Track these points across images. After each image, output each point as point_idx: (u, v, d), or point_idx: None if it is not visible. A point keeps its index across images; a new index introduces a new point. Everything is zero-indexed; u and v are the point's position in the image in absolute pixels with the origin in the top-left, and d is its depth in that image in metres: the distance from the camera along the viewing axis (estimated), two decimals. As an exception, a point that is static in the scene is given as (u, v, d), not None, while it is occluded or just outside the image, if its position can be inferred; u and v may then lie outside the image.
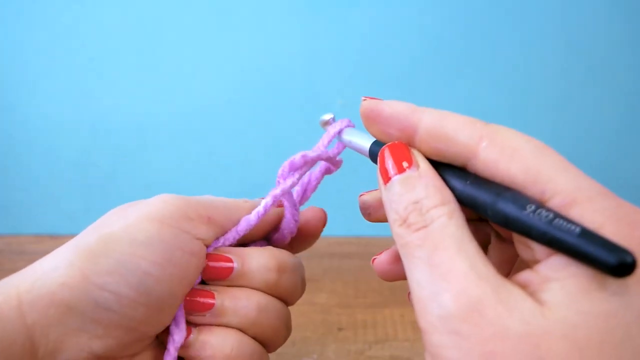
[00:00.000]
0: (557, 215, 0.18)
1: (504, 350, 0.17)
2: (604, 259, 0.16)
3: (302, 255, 0.32)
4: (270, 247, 0.29)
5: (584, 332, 0.16)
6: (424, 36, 0.63)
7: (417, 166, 0.22)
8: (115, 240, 0.24)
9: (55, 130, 0.67)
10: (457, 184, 0.21)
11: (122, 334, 0.24)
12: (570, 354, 0.16)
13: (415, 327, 0.49)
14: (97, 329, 0.23)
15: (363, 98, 0.24)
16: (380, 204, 0.26)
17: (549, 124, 0.66)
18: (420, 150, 0.23)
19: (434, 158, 0.22)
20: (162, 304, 0.25)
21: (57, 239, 0.71)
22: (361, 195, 0.29)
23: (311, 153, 0.31)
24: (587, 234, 0.17)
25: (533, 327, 0.17)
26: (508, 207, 0.19)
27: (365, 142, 0.26)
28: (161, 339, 0.27)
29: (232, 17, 0.63)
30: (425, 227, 0.20)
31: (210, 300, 0.26)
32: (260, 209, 0.28)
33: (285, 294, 0.28)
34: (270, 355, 0.45)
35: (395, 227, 0.21)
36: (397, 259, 0.26)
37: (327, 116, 0.32)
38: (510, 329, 0.17)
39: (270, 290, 0.27)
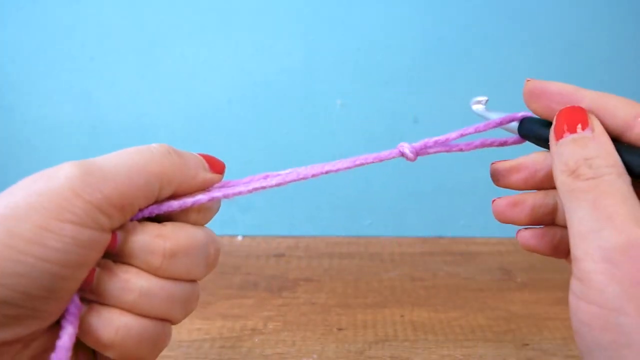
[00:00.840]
0: None
1: None
2: None
3: (302, 255, 0.32)
4: (166, 224, 0.26)
5: None
6: (424, 36, 0.63)
7: (592, 129, 0.24)
8: (24, 242, 0.21)
9: (56, 130, 0.67)
10: (625, 154, 0.24)
11: (27, 323, 0.22)
12: None
13: (415, 327, 0.49)
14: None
15: (527, 80, 0.29)
16: (510, 172, 0.30)
17: (549, 124, 0.66)
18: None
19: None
20: (69, 293, 0.23)
21: (57, 239, 0.71)
22: (493, 163, 0.32)
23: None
24: None
25: None
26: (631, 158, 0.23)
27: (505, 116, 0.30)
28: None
29: (232, 17, 0.63)
30: (594, 178, 0.23)
31: (89, 277, 0.24)
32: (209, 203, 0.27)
33: (180, 276, 0.26)
34: (271, 355, 0.45)
35: (563, 177, 0.24)
36: (543, 235, 0.29)
37: (482, 99, 0.35)
38: None
39: (157, 273, 0.25)
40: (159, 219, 0.27)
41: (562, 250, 0.29)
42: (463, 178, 0.67)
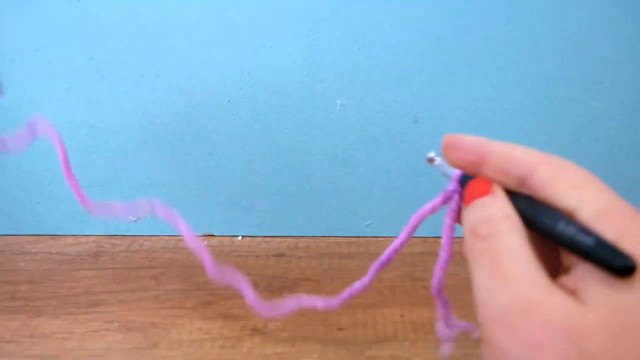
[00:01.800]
0: (579, 228, 0.22)
1: (550, 341, 0.20)
2: (612, 263, 0.20)
3: (302, 255, 0.32)
4: None
5: (618, 321, 0.19)
6: (424, 36, 0.63)
7: (494, 194, 0.26)
8: None
9: (55, 130, 0.67)
10: (522, 204, 0.25)
11: None
12: (607, 340, 0.19)
13: (415, 327, 0.49)
14: None
15: (446, 135, 0.30)
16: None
17: (549, 124, 0.66)
18: (488, 170, 0.27)
19: (499, 176, 0.27)
20: None
21: (57, 239, 0.71)
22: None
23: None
24: (601, 244, 0.21)
25: (575, 321, 0.20)
26: (546, 223, 0.23)
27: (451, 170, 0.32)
28: None
29: (232, 16, 0.63)
30: (490, 236, 0.24)
31: None
32: None
33: None
34: (271, 355, 0.45)
35: (467, 238, 0.25)
36: None
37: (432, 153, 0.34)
38: (556, 324, 0.20)
39: None
40: None
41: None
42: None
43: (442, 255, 0.31)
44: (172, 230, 0.43)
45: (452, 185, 0.31)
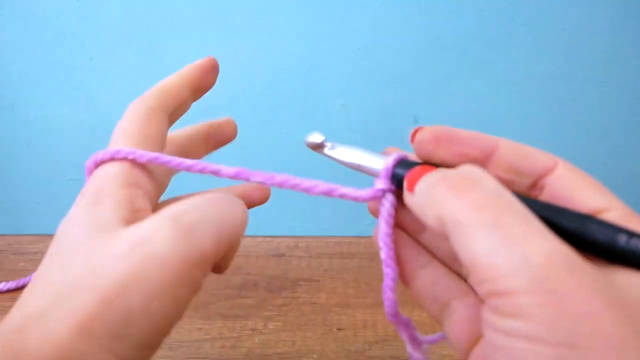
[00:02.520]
0: (622, 229, 0.19)
1: (603, 309, 0.16)
2: None
3: (302, 255, 0.32)
4: None
5: None
6: (424, 36, 0.63)
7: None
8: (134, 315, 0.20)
9: (55, 130, 0.67)
10: (536, 207, 0.21)
11: None
12: None
13: (415, 327, 0.49)
14: None
15: (420, 128, 0.25)
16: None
17: (549, 124, 0.66)
18: (495, 168, 0.23)
19: (509, 175, 0.23)
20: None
21: (57, 239, 0.71)
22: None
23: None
24: None
25: (619, 293, 0.17)
26: (601, 234, 0.19)
27: (369, 159, 0.27)
28: None
29: (232, 16, 0.63)
30: (477, 186, 0.20)
31: None
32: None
33: None
34: (271, 355, 0.45)
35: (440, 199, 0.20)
36: None
37: (318, 137, 0.28)
38: (610, 291, 0.17)
39: None
40: None
41: None
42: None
43: (387, 272, 0.25)
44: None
45: (382, 183, 0.25)
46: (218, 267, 0.30)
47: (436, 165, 0.24)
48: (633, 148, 0.67)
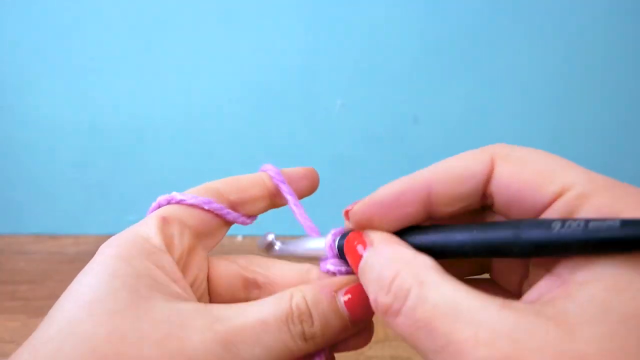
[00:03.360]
0: (587, 220, 0.17)
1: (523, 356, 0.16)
2: None
3: (302, 255, 0.32)
4: None
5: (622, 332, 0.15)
6: (424, 36, 0.63)
7: (372, 244, 0.22)
8: None
9: (55, 130, 0.67)
10: (463, 236, 0.20)
11: None
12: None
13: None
14: None
15: (348, 210, 0.24)
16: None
17: (549, 124, 0.66)
18: (437, 204, 0.22)
19: (456, 204, 0.22)
20: None
21: (57, 239, 0.71)
22: None
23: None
24: (628, 223, 0.17)
25: (570, 352, 0.16)
26: (535, 234, 0.18)
27: (314, 243, 0.27)
28: None
29: (232, 16, 0.63)
30: (401, 307, 0.19)
31: None
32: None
33: None
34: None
35: (384, 317, 0.21)
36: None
37: (270, 237, 0.30)
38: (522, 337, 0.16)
39: None
40: None
41: None
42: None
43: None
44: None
45: (333, 263, 0.26)
46: None
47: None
48: (633, 148, 0.67)
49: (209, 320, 0.22)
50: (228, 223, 0.30)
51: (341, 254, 0.25)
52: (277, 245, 0.29)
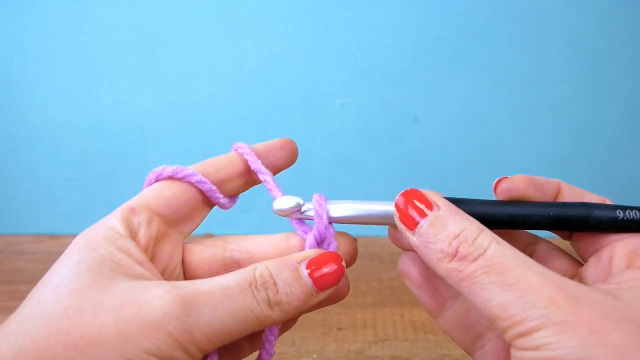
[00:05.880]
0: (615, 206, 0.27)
1: (611, 326, 0.20)
2: None
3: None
4: None
5: None
6: (424, 36, 0.63)
7: (438, 206, 0.24)
8: None
9: (55, 130, 0.67)
10: (540, 210, 0.27)
11: None
12: None
13: (415, 327, 0.49)
14: None
15: (506, 179, 0.28)
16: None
17: (549, 124, 0.66)
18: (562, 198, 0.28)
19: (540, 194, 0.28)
20: None
21: (57, 239, 0.71)
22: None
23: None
24: None
25: (624, 310, 0.21)
26: (605, 214, 0.26)
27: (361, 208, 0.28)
28: None
29: (232, 17, 0.63)
30: (482, 255, 0.22)
31: None
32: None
33: None
34: (270, 355, 0.45)
35: (445, 265, 0.23)
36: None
37: (291, 202, 0.29)
38: (609, 311, 0.21)
39: None
40: None
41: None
42: (464, 181, 0.67)
43: None
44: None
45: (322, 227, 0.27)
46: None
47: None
48: (632, 148, 0.67)
49: (170, 287, 0.23)
50: (207, 205, 0.30)
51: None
52: (308, 209, 0.28)
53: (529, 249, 0.30)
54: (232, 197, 0.31)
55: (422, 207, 0.24)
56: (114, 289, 0.22)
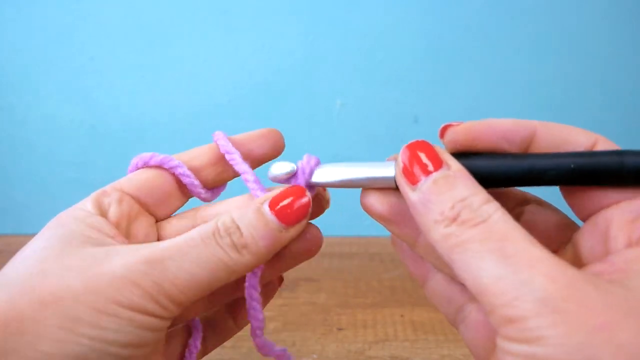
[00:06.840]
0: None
1: (619, 320, 0.17)
2: None
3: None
4: None
5: None
6: (424, 36, 0.63)
7: (448, 165, 0.22)
8: (81, 325, 0.21)
9: (55, 130, 0.67)
10: (565, 161, 0.23)
11: None
12: None
13: (415, 327, 0.49)
14: None
15: (452, 125, 0.25)
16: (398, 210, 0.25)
17: (549, 124, 0.66)
18: (537, 148, 0.24)
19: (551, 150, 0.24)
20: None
21: (57, 239, 0.71)
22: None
23: None
24: None
25: (635, 301, 0.18)
26: (637, 160, 0.23)
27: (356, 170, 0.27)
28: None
29: (232, 17, 0.63)
30: (484, 221, 0.20)
31: None
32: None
33: None
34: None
35: (441, 229, 0.20)
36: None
37: (286, 167, 0.29)
38: (616, 301, 0.17)
39: None
40: None
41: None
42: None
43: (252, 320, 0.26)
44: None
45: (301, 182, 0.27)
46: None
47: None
48: (633, 148, 0.67)
49: (134, 247, 0.23)
50: (184, 193, 0.30)
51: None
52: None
53: (516, 210, 0.27)
54: (212, 188, 0.31)
55: (429, 163, 0.22)
56: (80, 254, 0.23)
